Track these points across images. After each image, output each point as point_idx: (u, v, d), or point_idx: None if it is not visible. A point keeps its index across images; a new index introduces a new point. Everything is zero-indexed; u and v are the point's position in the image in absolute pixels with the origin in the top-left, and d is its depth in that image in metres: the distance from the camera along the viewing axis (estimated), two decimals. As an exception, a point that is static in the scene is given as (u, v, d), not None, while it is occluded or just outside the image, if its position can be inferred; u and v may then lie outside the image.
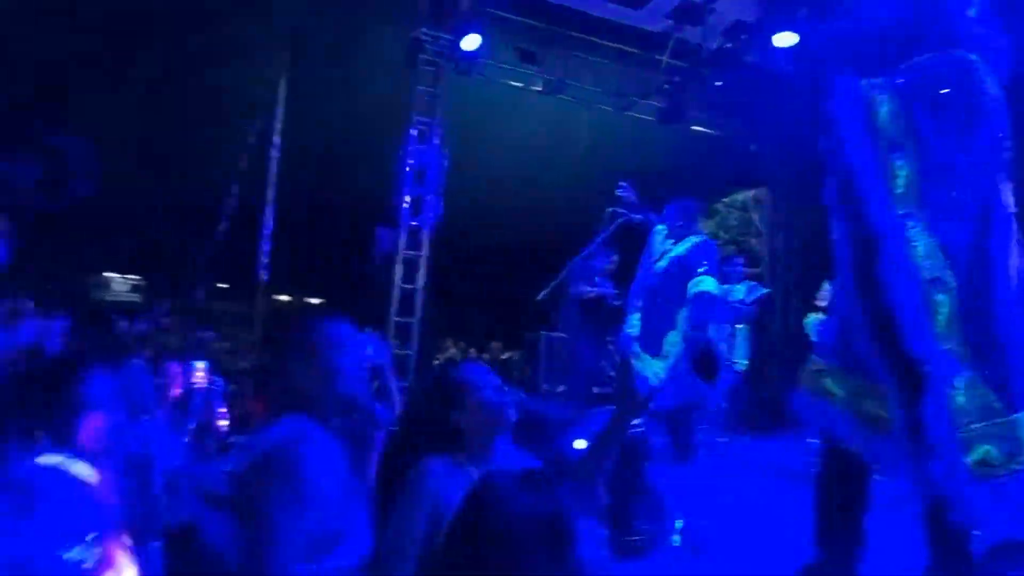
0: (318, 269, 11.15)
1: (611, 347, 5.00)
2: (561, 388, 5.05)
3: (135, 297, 14.00)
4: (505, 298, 8.68)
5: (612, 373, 4.59)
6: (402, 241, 5.82)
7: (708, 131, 6.84)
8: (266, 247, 8.47)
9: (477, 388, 1.76)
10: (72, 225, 11.47)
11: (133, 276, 14.15)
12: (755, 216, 7.57)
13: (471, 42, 5.53)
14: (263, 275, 8.76)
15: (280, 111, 7.23)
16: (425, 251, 5.91)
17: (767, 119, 6.43)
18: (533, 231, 8.93)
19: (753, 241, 7.51)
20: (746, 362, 5.18)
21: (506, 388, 1.84)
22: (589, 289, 4.79)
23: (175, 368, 2.64)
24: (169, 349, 5.48)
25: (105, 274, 13.95)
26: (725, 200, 7.88)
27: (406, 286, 5.79)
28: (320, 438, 1.55)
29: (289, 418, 1.56)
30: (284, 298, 12.82)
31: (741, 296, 5.14)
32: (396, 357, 5.01)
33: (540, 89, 6.35)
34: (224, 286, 13.61)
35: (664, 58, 5.97)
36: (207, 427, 2.68)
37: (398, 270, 5.78)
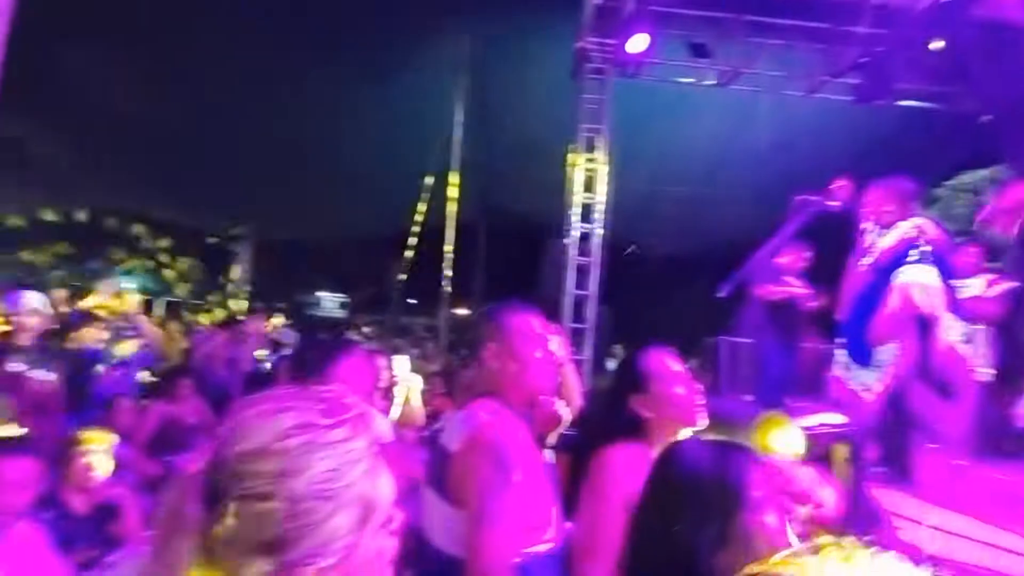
0: (494, 281, 11.74)
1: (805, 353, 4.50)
2: (748, 397, 4.65)
3: (342, 313, 16.19)
4: (680, 303, 8.30)
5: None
6: (573, 248, 5.88)
7: (921, 105, 5.87)
8: (448, 264, 9.17)
9: (663, 378, 1.67)
10: (293, 253, 13.62)
11: (340, 295, 16.46)
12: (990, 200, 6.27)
13: (638, 43, 5.44)
14: (445, 290, 9.49)
15: (458, 135, 7.80)
16: (596, 257, 5.91)
17: (1002, 82, 5.34)
18: (710, 232, 8.45)
19: (988, 230, 6.22)
20: (991, 371, 4.26)
21: (695, 380, 1.73)
22: (776, 289, 4.37)
23: (383, 362, 2.93)
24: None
25: (318, 293, 16.35)
26: (950, 183, 6.65)
27: (578, 292, 5.83)
28: (516, 424, 1.57)
29: (485, 402, 1.60)
30: (463, 312, 13.74)
31: (977, 292, 4.27)
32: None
33: (713, 82, 6.03)
34: (413, 302, 15.10)
35: (861, 28, 5.28)
36: (409, 415, 2.95)
37: (570, 277, 5.84)
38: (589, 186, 5.99)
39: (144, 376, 4.41)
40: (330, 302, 16.23)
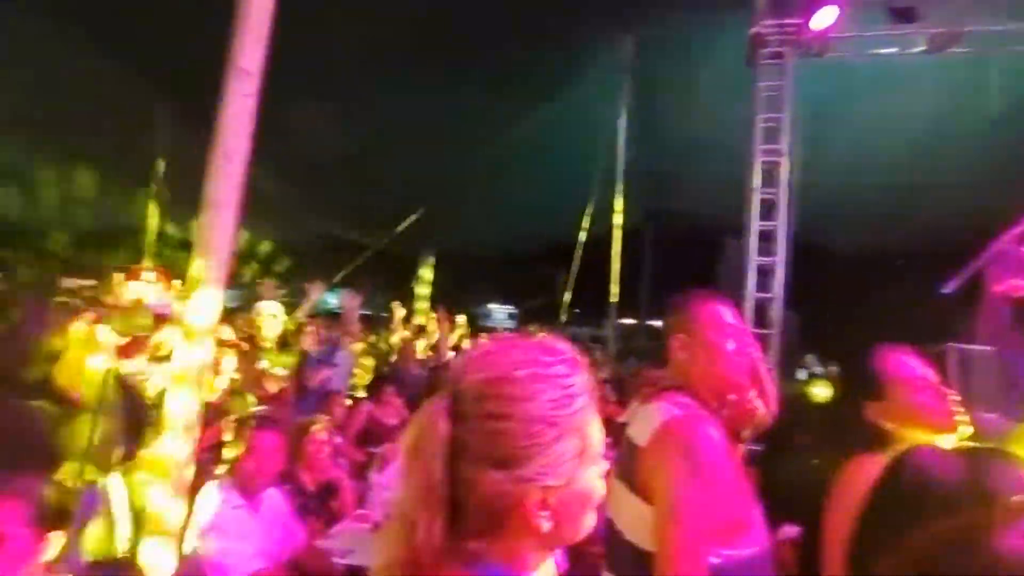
0: (662, 288, 11.35)
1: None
2: (990, 415, 3.87)
3: (510, 323, 16.85)
4: (885, 306, 7.24)
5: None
6: (753, 248, 5.45)
7: None
8: (614, 273, 9.06)
9: (906, 383, 1.46)
10: (467, 267, 14.52)
11: (509, 306, 17.20)
12: None
13: (825, 17, 4.92)
14: (613, 299, 9.38)
15: (622, 140, 7.71)
16: (780, 257, 5.41)
17: None
18: (922, 223, 7.28)
19: None
20: None
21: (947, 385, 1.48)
22: (1026, 284, 3.59)
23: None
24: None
25: (489, 305, 17.23)
26: None
27: (760, 295, 5.38)
28: (707, 419, 1.48)
29: (674, 395, 1.54)
30: (629, 321, 13.47)
31: None
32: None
33: (923, 49, 5.21)
34: (577, 311, 15.18)
35: None
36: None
37: (750, 279, 5.42)
38: (770, 180, 5.53)
39: (353, 378, 4.98)
40: (500, 313, 17.01)
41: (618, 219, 8.64)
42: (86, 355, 1.84)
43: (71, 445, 1.79)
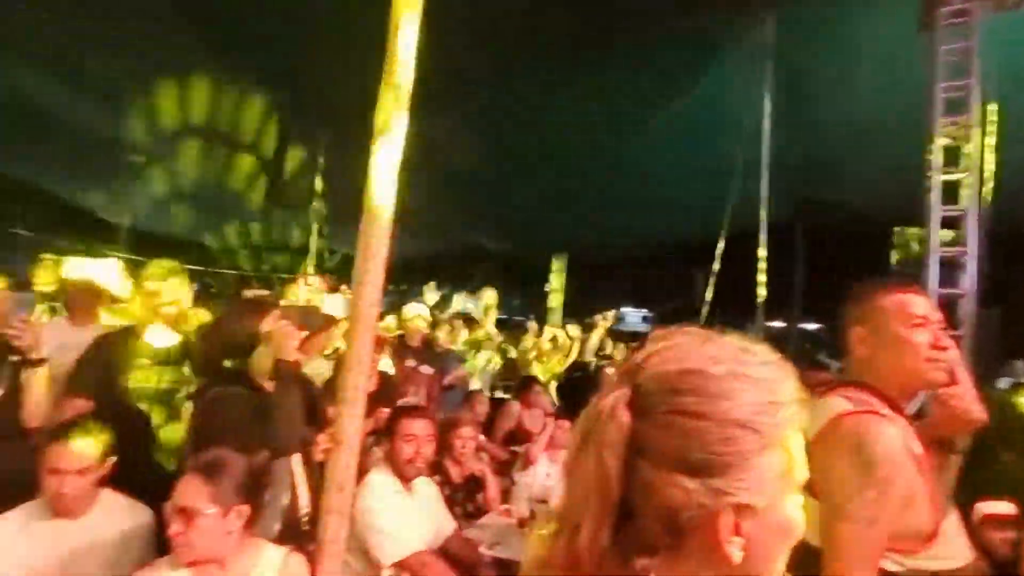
0: (821, 287, 10.36)
1: None
2: None
3: (645, 327, 16.36)
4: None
5: None
6: (934, 237, 4.76)
7: None
8: (761, 271, 8.42)
9: None
10: (599, 269, 14.38)
11: (643, 309, 16.70)
12: None
13: (1025, -40, 4.18)
14: (760, 300, 8.71)
15: (767, 125, 7.15)
16: (971, 247, 4.67)
17: None
18: None
19: None
20: None
21: None
22: None
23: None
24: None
25: (622, 308, 16.87)
26: None
27: (946, 291, 4.68)
28: (886, 416, 1.34)
29: (850, 391, 1.39)
30: (778, 323, 12.45)
31: None
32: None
33: None
34: (718, 313, 14.35)
35: None
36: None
37: (932, 273, 4.74)
38: (954, 158, 4.80)
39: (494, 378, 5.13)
40: (634, 316, 16.62)
41: (764, 212, 8.02)
42: (273, 349, 2.09)
43: (260, 428, 2.03)
